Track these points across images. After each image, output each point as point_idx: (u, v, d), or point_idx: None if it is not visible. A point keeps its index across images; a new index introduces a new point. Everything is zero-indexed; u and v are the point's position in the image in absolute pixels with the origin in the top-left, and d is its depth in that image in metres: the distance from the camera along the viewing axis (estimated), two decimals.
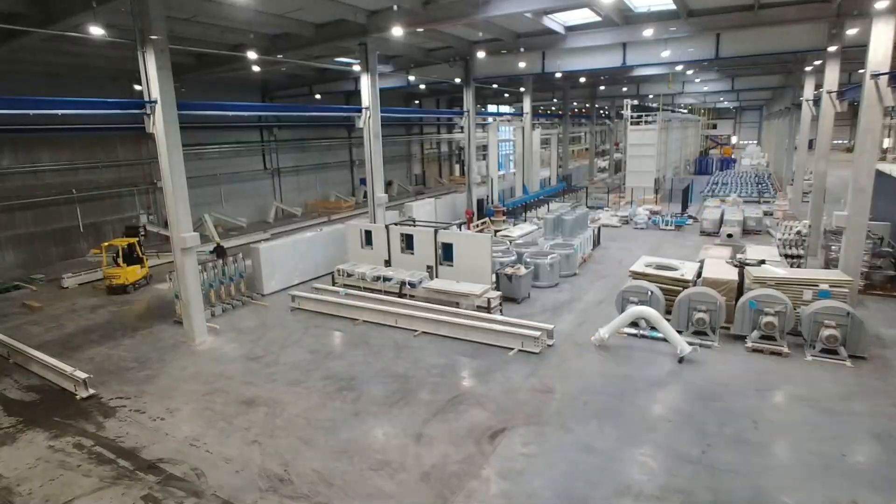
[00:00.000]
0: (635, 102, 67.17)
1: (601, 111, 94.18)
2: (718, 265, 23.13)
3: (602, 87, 67.55)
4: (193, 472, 13.36)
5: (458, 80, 40.43)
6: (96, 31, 20.69)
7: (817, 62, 37.28)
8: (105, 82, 36.25)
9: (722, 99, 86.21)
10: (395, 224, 28.84)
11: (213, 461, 13.78)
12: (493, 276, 25.03)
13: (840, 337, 17.87)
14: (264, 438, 14.71)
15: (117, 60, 31.88)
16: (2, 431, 15.57)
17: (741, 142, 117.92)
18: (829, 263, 26.18)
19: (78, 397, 17.39)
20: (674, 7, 26.30)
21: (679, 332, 19.25)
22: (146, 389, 17.93)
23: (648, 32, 28.25)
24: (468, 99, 40.16)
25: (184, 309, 21.99)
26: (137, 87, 22.00)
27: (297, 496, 12.28)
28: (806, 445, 13.51)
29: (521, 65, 37.51)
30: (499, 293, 23.98)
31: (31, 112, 21.10)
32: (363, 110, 30.48)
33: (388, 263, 28.12)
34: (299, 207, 51.55)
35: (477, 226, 39.84)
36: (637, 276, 22.85)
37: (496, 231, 37.09)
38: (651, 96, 70.43)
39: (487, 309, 22.79)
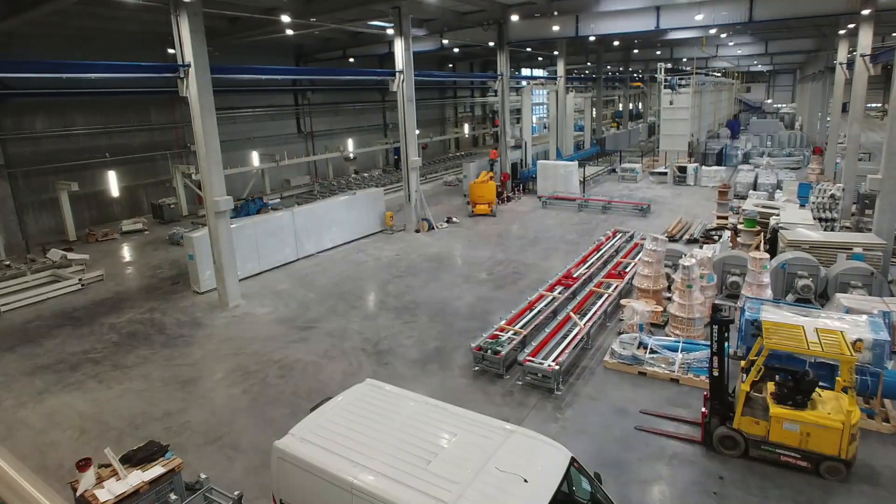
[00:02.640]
0: (669, 66, 66.61)
1: (635, 74, 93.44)
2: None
3: (636, 51, 67.02)
4: None
5: (491, 44, 40.42)
6: None
7: (851, 25, 36.73)
8: (138, 46, 36.32)
9: (756, 62, 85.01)
10: None
11: None
12: None
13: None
14: None
15: (150, 24, 31.83)
16: None
17: (774, 105, 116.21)
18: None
19: None
20: None
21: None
22: None
23: None
24: (502, 62, 40.12)
25: (217, 273, 22.31)
26: (171, 51, 22.19)
27: None
28: None
29: (555, 28, 37.36)
30: None
31: (65, 75, 21.48)
32: (396, 74, 30.65)
33: None
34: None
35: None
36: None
37: None
38: (685, 60, 69.78)
39: None
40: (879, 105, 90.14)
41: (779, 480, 11.53)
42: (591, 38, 40.99)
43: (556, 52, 50.18)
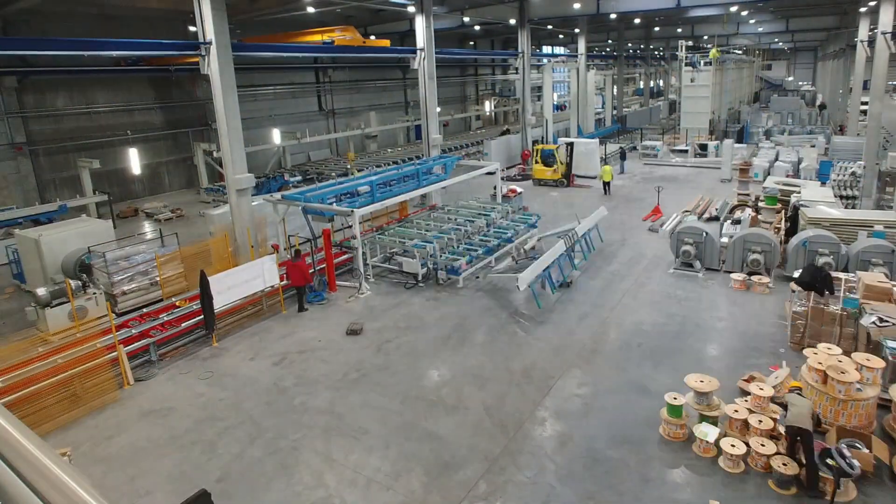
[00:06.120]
0: (690, 44, 66.36)
1: (656, 52, 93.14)
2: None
3: (657, 28, 66.78)
4: None
5: (512, 21, 40.36)
6: None
7: (872, 3, 36.45)
8: (159, 23, 36.62)
9: (777, 40, 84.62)
10: None
11: None
12: None
13: (888, 274, 17.94)
14: None
15: (172, 1, 32.04)
16: None
17: (797, 83, 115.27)
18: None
19: None
20: None
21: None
22: None
23: None
24: (523, 40, 40.08)
25: (238, 250, 22.18)
26: (192, 29, 22.23)
27: None
28: None
29: (576, 6, 37.28)
30: None
31: (86, 53, 21.56)
32: (418, 51, 30.60)
33: None
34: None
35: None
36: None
37: None
38: (706, 37, 69.50)
39: None
40: None
41: None
42: (613, 16, 40.87)
43: (577, 30, 50.14)
